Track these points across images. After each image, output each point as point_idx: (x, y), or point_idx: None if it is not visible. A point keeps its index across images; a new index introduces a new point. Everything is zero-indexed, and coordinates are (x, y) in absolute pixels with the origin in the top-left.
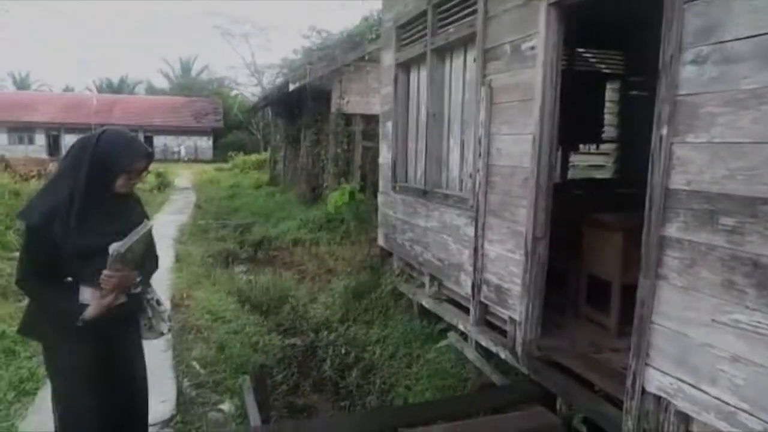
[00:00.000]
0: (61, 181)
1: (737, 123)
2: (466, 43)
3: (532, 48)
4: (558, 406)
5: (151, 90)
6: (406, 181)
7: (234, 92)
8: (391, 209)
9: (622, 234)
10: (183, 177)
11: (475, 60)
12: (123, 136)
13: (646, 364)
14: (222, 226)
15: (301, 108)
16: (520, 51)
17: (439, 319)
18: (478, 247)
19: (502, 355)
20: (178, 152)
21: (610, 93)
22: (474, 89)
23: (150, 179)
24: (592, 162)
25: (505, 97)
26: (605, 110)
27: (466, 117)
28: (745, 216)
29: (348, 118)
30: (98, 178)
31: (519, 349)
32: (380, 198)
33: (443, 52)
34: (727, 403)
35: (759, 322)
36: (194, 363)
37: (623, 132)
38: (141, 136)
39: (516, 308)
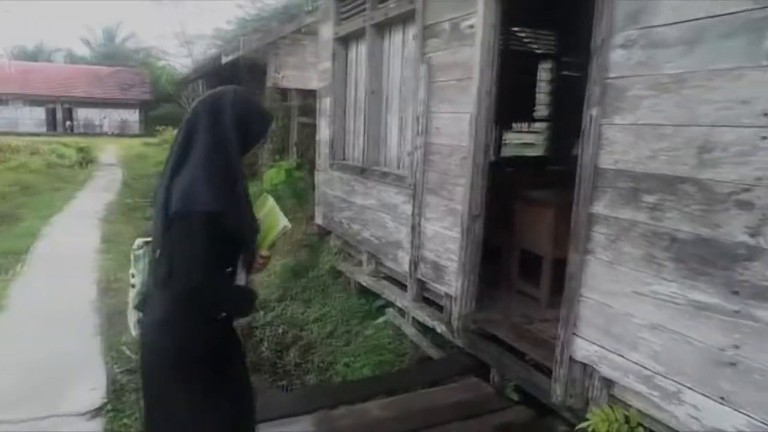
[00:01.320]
0: (212, 156)
1: (660, 106)
2: (405, 19)
3: (471, 26)
4: (492, 377)
5: (72, 58)
6: (344, 159)
7: (162, 63)
8: (329, 187)
9: (553, 210)
10: (108, 152)
11: (414, 37)
12: (252, 99)
13: (574, 334)
14: (151, 204)
15: (234, 82)
16: (459, 29)
17: (377, 296)
18: (416, 225)
19: (439, 330)
20: (101, 126)
21: (543, 73)
22: (413, 67)
23: (70, 154)
24: (524, 140)
25: (444, 75)
26: (538, 89)
27: (406, 95)
28: (665, 194)
29: (284, 93)
30: (244, 150)
31: (455, 324)
32: (318, 176)
33: (383, 28)
34: (646, 368)
35: (675, 293)
36: (125, 348)
37: (554, 111)
38: (59, 109)
39: (452, 284)
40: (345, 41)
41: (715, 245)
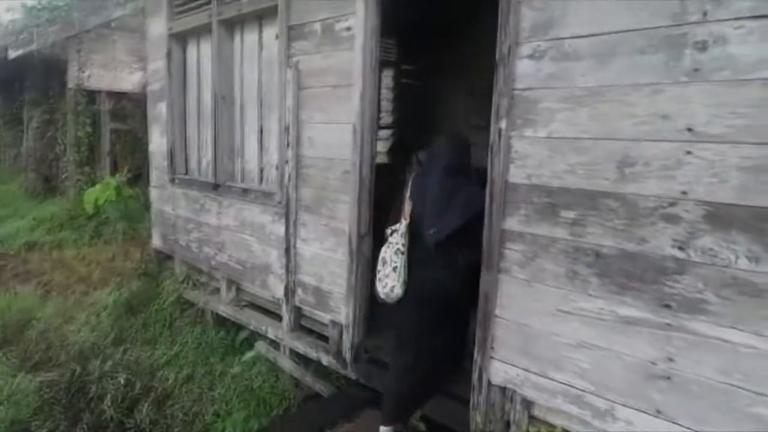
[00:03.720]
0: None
1: (576, 119)
2: (262, 16)
3: (349, 29)
4: None
5: None
6: (188, 173)
7: None
8: (170, 205)
9: None
10: None
11: (277, 37)
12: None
13: (491, 358)
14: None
15: (24, 81)
16: (333, 31)
17: (241, 327)
18: (290, 246)
19: (325, 362)
20: None
21: (385, 79)
22: (275, 70)
23: None
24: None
25: (316, 81)
26: (381, 97)
27: (266, 101)
28: (586, 209)
29: (91, 95)
30: None
31: (347, 355)
32: (154, 192)
33: (233, 25)
34: (574, 387)
35: (602, 309)
36: None
37: (398, 119)
38: None
39: (340, 311)
40: (183, 38)
41: (642, 259)
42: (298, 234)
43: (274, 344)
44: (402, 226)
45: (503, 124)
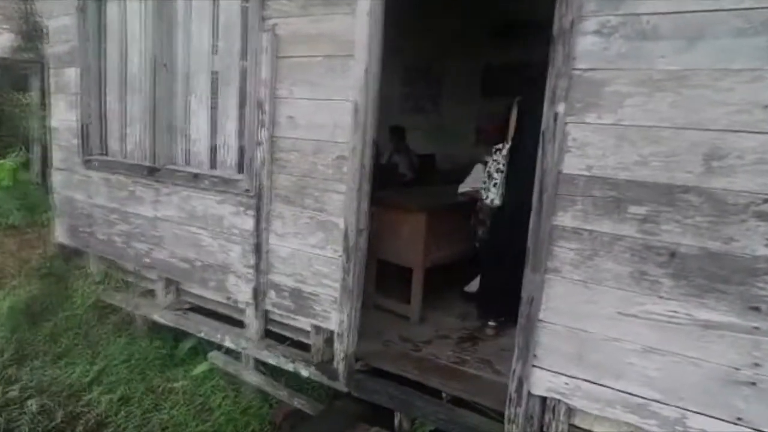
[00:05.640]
0: None
1: (652, 105)
2: None
3: None
4: (397, 423)
5: None
6: (107, 154)
7: None
8: (82, 192)
9: (425, 216)
10: None
11: None
12: None
13: (534, 366)
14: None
15: None
16: None
17: (182, 335)
18: (262, 242)
19: (305, 374)
20: None
21: None
22: (235, 34)
23: None
24: None
25: (301, 49)
26: None
27: (222, 72)
28: (660, 204)
29: None
30: None
31: (339, 365)
32: (58, 177)
33: None
34: (638, 395)
35: (675, 312)
36: None
37: None
38: None
39: (329, 316)
40: None
41: (729, 260)
42: (271, 228)
43: (235, 355)
44: (505, 148)
45: (560, 108)
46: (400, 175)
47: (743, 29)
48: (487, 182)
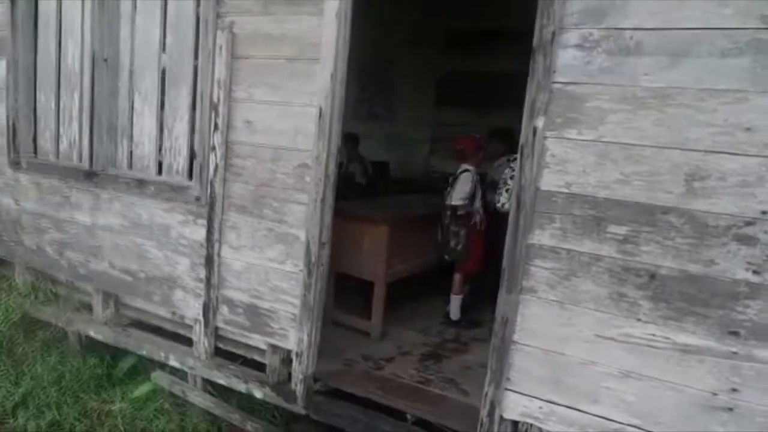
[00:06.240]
0: None
1: (635, 123)
2: None
3: None
4: None
5: None
6: (37, 155)
7: None
8: (8, 196)
9: (388, 228)
10: None
11: None
12: None
13: (507, 389)
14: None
15: None
16: None
17: (121, 353)
18: (213, 255)
19: (259, 395)
20: None
21: None
22: (187, 31)
23: None
24: None
25: (262, 50)
26: None
27: (172, 70)
28: (641, 224)
29: None
30: None
31: (298, 387)
32: None
33: None
34: (613, 420)
35: (653, 335)
36: None
37: None
38: None
39: (287, 334)
40: None
41: (709, 283)
42: (225, 240)
43: (180, 375)
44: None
45: (539, 123)
46: (357, 184)
47: (728, 49)
48: (500, 188)
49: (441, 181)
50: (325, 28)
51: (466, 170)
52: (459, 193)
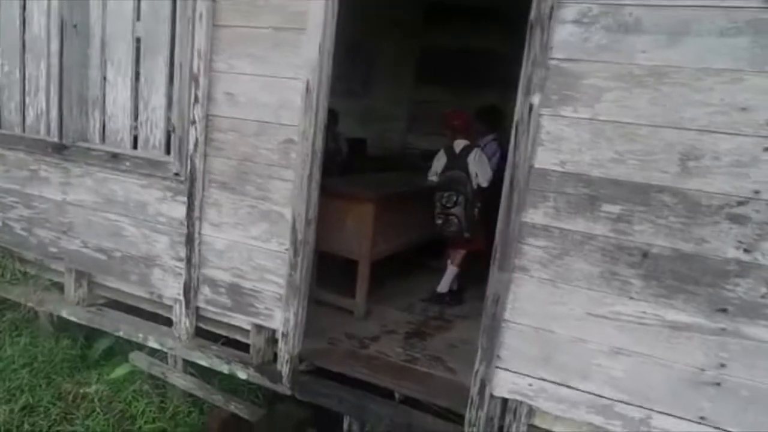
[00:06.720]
0: None
1: (631, 101)
2: None
3: None
4: (346, 427)
5: None
6: (1, 126)
7: None
8: None
9: (373, 206)
10: None
11: None
12: None
13: (497, 367)
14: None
15: None
16: None
17: (96, 334)
18: (195, 233)
19: (242, 376)
20: None
21: None
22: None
23: None
24: None
25: (244, 19)
26: None
27: (147, 39)
28: (634, 204)
29: None
30: None
31: (285, 368)
32: None
33: None
34: (603, 396)
35: (644, 313)
36: None
37: None
38: None
39: (272, 314)
40: None
41: (700, 261)
42: (205, 217)
43: (159, 356)
44: None
45: (535, 100)
46: (342, 161)
47: (727, 28)
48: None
49: (420, 159)
50: None
51: (469, 146)
52: (486, 174)
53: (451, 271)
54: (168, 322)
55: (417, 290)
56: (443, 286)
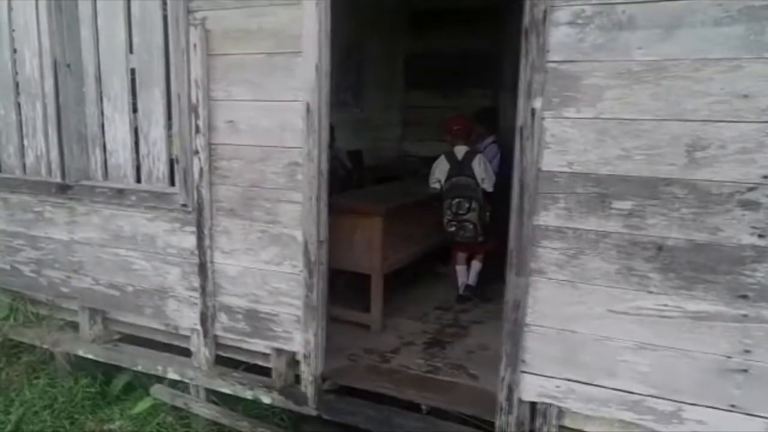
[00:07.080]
0: None
1: (632, 98)
2: None
3: None
4: None
5: None
6: (1, 170)
7: None
8: None
9: (381, 219)
10: None
11: None
12: None
13: (523, 372)
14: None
15: None
16: None
17: (114, 370)
18: (206, 262)
19: (266, 400)
20: None
21: None
22: (154, 28)
23: None
24: None
25: (238, 46)
26: None
27: (142, 71)
28: (645, 198)
29: None
30: None
31: (309, 389)
32: None
33: None
34: (632, 392)
35: (665, 306)
36: None
37: None
38: None
39: (292, 337)
40: None
41: (715, 250)
42: (216, 245)
43: (180, 387)
44: None
45: (537, 104)
46: (344, 176)
47: (721, 18)
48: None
49: (418, 165)
50: (306, 18)
51: (470, 151)
52: (491, 179)
53: (476, 265)
54: (184, 352)
55: (428, 298)
56: (473, 279)
